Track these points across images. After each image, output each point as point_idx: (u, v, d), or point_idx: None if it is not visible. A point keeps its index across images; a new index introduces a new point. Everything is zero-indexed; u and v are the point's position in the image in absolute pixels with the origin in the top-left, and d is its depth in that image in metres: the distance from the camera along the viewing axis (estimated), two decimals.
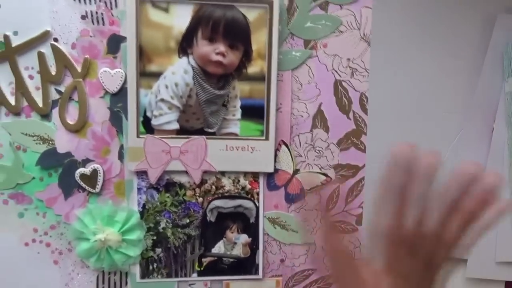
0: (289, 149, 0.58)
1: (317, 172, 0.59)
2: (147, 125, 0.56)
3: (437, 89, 0.62)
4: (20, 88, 0.55)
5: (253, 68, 0.56)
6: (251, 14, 0.55)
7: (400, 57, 0.61)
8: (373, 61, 0.61)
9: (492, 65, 0.62)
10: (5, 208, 0.56)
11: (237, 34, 0.56)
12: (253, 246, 0.60)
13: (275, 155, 0.58)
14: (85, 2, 0.54)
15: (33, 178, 0.56)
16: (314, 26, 0.57)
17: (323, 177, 0.59)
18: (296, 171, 0.59)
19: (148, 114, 0.56)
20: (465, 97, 0.63)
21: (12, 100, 0.55)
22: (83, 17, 0.54)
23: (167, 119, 0.56)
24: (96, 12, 0.54)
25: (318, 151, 0.59)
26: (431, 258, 0.29)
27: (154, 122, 0.56)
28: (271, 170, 0.58)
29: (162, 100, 0.56)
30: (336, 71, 0.58)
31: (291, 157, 0.59)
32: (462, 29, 0.62)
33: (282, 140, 0.58)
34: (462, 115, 0.63)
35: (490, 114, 0.62)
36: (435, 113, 0.63)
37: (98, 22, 0.54)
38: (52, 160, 0.56)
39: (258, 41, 0.56)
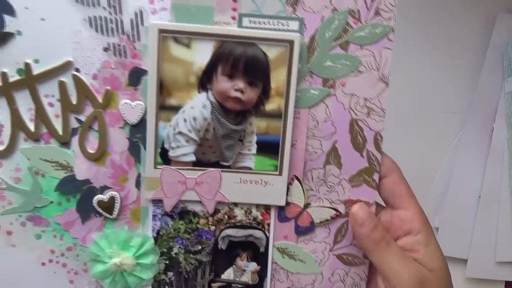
0: (301, 184, 0.60)
1: (327, 207, 0.61)
2: (164, 156, 0.57)
3: (437, 89, 0.63)
4: (40, 115, 0.55)
5: (271, 105, 0.57)
6: (272, 52, 0.56)
7: (400, 57, 0.60)
8: None
9: (492, 65, 0.62)
10: (23, 229, 0.58)
11: (256, 72, 0.56)
12: (262, 273, 0.62)
13: (287, 189, 0.60)
14: (108, 35, 0.54)
15: (51, 202, 0.58)
16: (334, 65, 0.58)
17: (333, 212, 0.61)
18: (307, 205, 0.61)
19: (166, 146, 0.57)
20: (465, 97, 0.63)
21: (31, 126, 0.56)
22: (106, 49, 0.54)
23: (184, 151, 0.57)
24: (119, 45, 0.54)
25: (329, 186, 0.61)
26: None
27: (171, 153, 0.57)
28: (283, 203, 0.60)
29: (180, 133, 0.57)
30: (352, 110, 0.59)
31: (303, 191, 0.60)
32: (462, 29, 0.62)
33: (295, 175, 0.60)
34: (462, 115, 0.64)
35: (490, 114, 0.63)
36: (435, 113, 0.63)
37: (120, 54, 0.55)
38: (71, 186, 0.57)
39: (277, 79, 0.56)
